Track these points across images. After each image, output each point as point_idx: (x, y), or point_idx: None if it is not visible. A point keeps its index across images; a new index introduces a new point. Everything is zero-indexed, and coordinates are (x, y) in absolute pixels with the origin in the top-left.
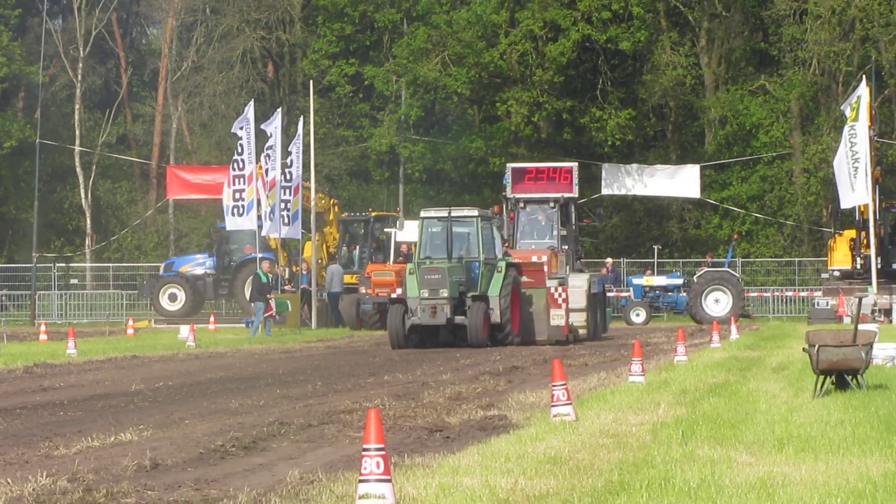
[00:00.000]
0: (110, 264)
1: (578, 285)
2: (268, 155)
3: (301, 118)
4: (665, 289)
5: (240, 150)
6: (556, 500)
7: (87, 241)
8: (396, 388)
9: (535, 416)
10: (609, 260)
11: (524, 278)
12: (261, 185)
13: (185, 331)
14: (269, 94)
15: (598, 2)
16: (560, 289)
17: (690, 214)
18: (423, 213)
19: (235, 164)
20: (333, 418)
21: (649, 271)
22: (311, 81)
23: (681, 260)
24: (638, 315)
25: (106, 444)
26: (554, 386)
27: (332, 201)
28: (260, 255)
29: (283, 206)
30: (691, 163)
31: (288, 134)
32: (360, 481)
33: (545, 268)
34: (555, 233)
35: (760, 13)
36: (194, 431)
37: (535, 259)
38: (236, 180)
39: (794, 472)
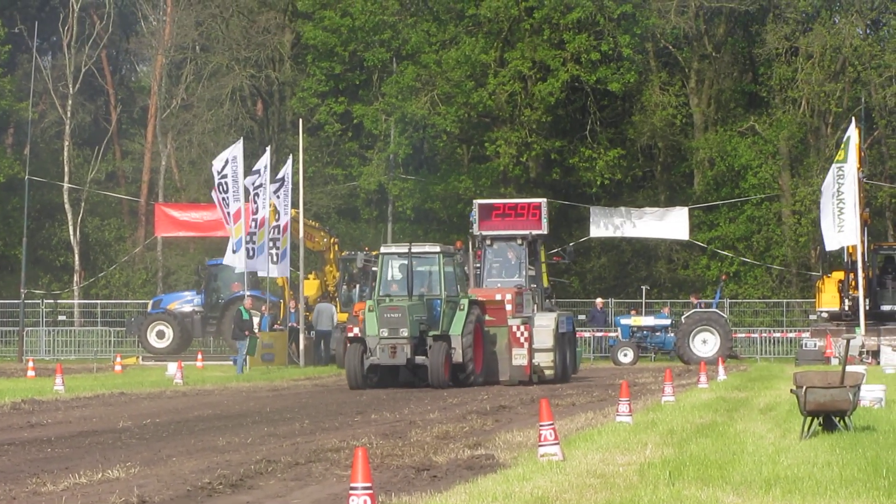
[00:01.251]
0: (98, 301)
1: (545, 324)
2: (257, 193)
3: (290, 156)
4: (653, 329)
5: (225, 188)
6: None
7: (76, 278)
8: (384, 426)
9: (522, 455)
10: (599, 300)
11: (487, 317)
12: (244, 222)
13: (172, 368)
14: (258, 132)
15: (587, 43)
16: (522, 328)
17: (678, 255)
18: (382, 249)
19: (224, 203)
20: (321, 456)
21: (634, 311)
22: (301, 120)
23: (669, 300)
24: (625, 355)
25: (93, 480)
26: (541, 425)
27: (332, 240)
28: (248, 293)
29: (271, 244)
30: (680, 204)
31: (276, 172)
32: None
33: (508, 306)
34: (523, 271)
35: (751, 52)
36: (181, 469)
37: (498, 297)
38: (228, 218)
39: None
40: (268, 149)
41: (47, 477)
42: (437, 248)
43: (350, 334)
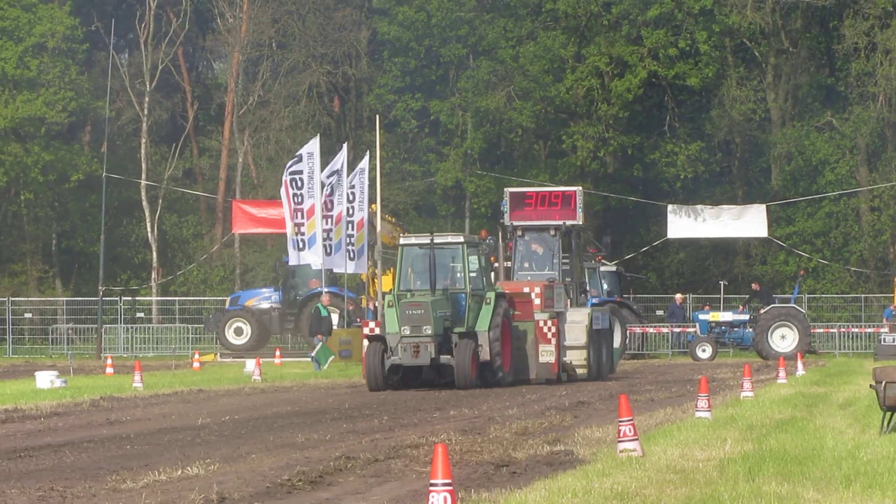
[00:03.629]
0: (176, 298)
1: (578, 320)
2: (332, 189)
3: (367, 153)
4: (731, 324)
5: (299, 184)
6: None
7: (153, 275)
8: (462, 422)
9: (601, 451)
10: (678, 295)
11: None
12: (320, 218)
13: (251, 365)
14: (334, 128)
15: (664, 39)
16: (550, 323)
17: (757, 250)
18: (402, 240)
19: (296, 199)
20: (400, 453)
21: (706, 306)
22: (377, 116)
23: (747, 295)
24: (704, 350)
25: (173, 477)
26: (620, 421)
27: (403, 234)
28: (325, 290)
29: (348, 240)
30: (757, 199)
31: (352, 168)
32: None
33: (537, 300)
34: (556, 263)
35: (829, 47)
36: (261, 465)
37: (525, 290)
38: (297, 214)
39: None
40: (344, 145)
41: (127, 474)
42: (461, 239)
43: (366, 329)
